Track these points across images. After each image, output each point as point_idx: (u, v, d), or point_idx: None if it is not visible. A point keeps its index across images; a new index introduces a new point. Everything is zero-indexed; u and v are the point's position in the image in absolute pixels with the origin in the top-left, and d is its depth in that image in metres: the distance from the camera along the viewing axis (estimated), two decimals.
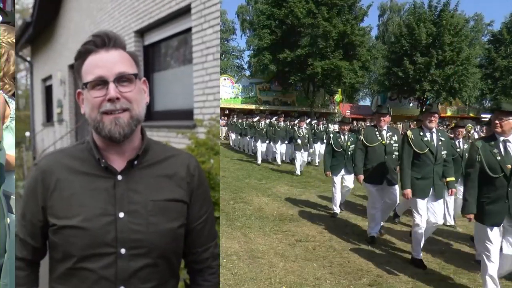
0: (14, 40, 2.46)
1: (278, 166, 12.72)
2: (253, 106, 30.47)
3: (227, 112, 28.87)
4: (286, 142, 13.34)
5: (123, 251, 1.30)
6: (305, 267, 4.31)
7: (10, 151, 2.31)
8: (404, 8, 43.19)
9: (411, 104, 32.69)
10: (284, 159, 13.85)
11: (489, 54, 32.88)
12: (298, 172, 10.91)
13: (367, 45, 29.64)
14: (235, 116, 23.94)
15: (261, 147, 13.31)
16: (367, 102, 48.67)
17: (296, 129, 11.33)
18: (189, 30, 5.15)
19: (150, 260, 1.33)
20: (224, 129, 24.89)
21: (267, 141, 13.42)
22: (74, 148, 1.41)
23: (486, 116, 34.01)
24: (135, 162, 1.37)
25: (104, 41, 1.32)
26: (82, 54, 1.33)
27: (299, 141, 10.93)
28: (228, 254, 4.58)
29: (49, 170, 1.35)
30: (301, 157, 11.00)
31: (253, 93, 31.52)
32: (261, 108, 29.97)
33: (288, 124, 13.89)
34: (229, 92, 30.77)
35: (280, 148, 13.19)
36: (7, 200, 2.23)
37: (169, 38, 5.86)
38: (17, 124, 2.35)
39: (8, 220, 2.10)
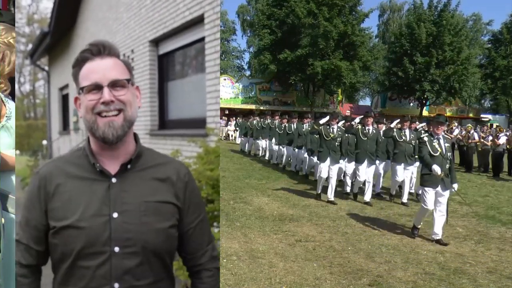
0: (12, 41, 2.42)
1: (366, 203, 7.47)
2: (253, 106, 30.48)
3: (227, 112, 28.87)
4: (381, 161, 8.14)
5: (117, 249, 1.37)
6: (305, 267, 4.31)
7: (8, 151, 2.30)
8: (404, 8, 43.32)
9: (411, 104, 32.71)
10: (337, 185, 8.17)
11: (489, 54, 32.88)
12: (439, 233, 5.35)
13: (368, 45, 29.66)
14: (267, 116, 15.21)
15: (331, 171, 7.53)
16: (367, 102, 48.75)
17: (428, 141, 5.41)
18: (202, 39, 5.20)
19: (143, 258, 1.40)
20: (225, 129, 24.92)
21: (342, 159, 7.99)
22: (71, 155, 1.50)
23: (486, 116, 34.14)
24: (129, 166, 1.45)
25: (99, 49, 1.42)
26: (80, 62, 1.42)
27: (436, 169, 5.11)
28: (228, 254, 4.58)
29: (49, 177, 1.43)
30: (432, 198, 5.33)
31: (253, 93, 31.53)
32: (261, 108, 29.99)
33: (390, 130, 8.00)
34: (229, 92, 30.77)
35: (367, 172, 7.67)
36: (4, 200, 2.22)
37: (183, 48, 5.93)
38: (34, 132, 2.36)
39: (3, 220, 2.09)
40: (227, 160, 13.62)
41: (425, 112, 32.01)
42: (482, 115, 34.49)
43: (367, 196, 7.51)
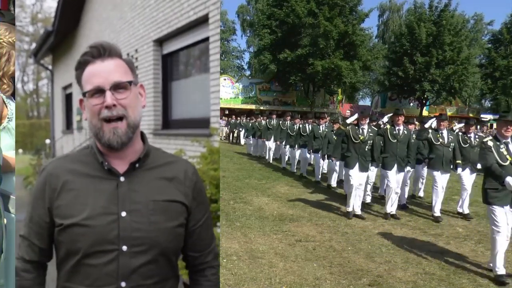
0: (15, 40, 2.43)
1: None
2: (253, 106, 30.52)
3: (227, 112, 28.90)
4: (411, 167, 7.18)
5: (124, 248, 1.37)
6: (305, 267, 4.32)
7: (9, 152, 2.30)
8: (404, 8, 43.34)
9: (411, 104, 32.77)
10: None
11: (489, 54, 32.91)
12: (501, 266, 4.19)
13: (368, 45, 29.70)
14: (273, 116, 14.71)
15: (359, 179, 6.48)
16: (367, 102, 48.79)
17: None
18: (206, 39, 5.21)
19: (151, 257, 1.40)
20: (225, 129, 24.91)
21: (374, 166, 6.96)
22: (78, 153, 1.49)
23: (486, 116, 34.12)
24: (137, 165, 1.45)
25: (99, 51, 1.41)
26: (82, 65, 1.42)
27: None
28: (228, 254, 4.58)
29: (55, 174, 1.43)
30: (504, 218, 4.16)
31: (253, 93, 31.57)
32: (261, 108, 30.01)
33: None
34: (229, 92, 30.81)
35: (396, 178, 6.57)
36: (6, 200, 2.23)
37: (187, 48, 5.94)
38: (37, 131, 2.36)
39: (5, 220, 2.10)
40: (227, 160, 13.63)
41: (425, 112, 32.05)
42: (482, 115, 34.51)
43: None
